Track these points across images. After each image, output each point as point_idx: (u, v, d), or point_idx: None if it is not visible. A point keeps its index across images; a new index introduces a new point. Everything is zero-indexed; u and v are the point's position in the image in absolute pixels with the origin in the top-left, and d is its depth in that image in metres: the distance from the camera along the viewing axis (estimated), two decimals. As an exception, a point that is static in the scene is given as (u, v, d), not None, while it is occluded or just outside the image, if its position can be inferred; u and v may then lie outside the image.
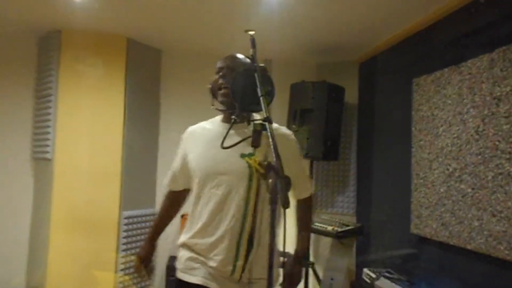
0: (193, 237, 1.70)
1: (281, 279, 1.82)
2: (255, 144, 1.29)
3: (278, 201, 1.12)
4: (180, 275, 1.73)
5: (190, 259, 1.70)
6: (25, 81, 3.56)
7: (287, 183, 1.11)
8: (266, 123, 1.27)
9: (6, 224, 3.46)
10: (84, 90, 3.35)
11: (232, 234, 1.61)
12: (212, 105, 1.77)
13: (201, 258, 1.67)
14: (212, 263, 1.64)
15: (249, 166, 1.61)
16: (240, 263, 1.62)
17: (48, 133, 3.30)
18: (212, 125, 1.79)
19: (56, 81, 3.31)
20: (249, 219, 1.61)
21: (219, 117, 1.80)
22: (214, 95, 1.75)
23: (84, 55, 3.35)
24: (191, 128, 1.85)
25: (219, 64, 1.74)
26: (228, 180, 1.63)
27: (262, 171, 1.55)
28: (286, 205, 1.07)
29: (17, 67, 3.56)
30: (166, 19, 3.07)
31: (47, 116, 3.33)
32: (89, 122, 3.34)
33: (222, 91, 1.68)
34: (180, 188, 1.91)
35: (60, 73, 3.31)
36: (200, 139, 1.75)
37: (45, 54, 3.47)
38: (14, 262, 3.45)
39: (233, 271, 1.62)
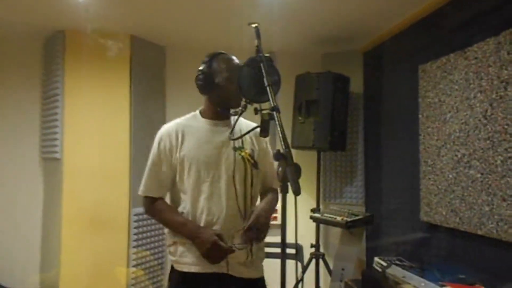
0: None
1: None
2: (264, 134, 1.30)
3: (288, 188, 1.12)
4: (193, 268, 1.73)
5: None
6: (32, 82, 3.59)
7: (297, 171, 1.12)
8: (274, 113, 1.28)
9: (18, 224, 3.50)
10: (90, 89, 3.37)
11: (240, 222, 1.74)
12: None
13: None
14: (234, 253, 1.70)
15: (242, 158, 1.76)
16: (249, 246, 1.74)
17: (56, 133, 3.33)
18: (194, 122, 1.84)
19: (62, 81, 3.32)
20: (248, 204, 1.77)
21: (196, 114, 1.89)
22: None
23: (88, 54, 3.36)
24: (170, 127, 1.84)
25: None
26: (226, 173, 1.74)
27: (253, 161, 1.77)
28: (297, 191, 1.08)
29: (23, 69, 3.59)
30: (169, 15, 3.07)
31: (55, 116, 3.35)
32: (96, 120, 3.36)
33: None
34: (164, 193, 1.87)
35: (65, 73, 3.32)
36: (189, 136, 1.79)
37: (50, 55, 3.49)
38: (28, 262, 3.50)
39: (247, 255, 1.74)
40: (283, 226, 1.26)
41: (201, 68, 1.82)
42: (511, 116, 1.99)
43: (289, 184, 1.10)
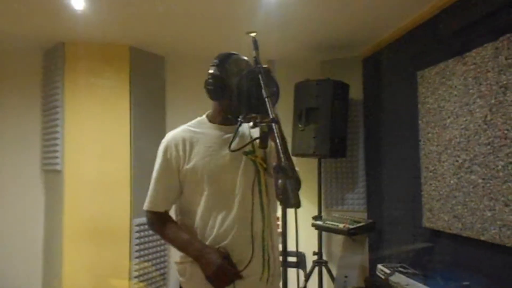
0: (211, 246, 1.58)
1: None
2: (264, 146, 1.29)
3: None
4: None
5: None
6: (32, 94, 3.60)
7: (297, 183, 1.11)
8: (273, 124, 1.27)
9: (20, 236, 3.50)
10: (90, 100, 3.38)
11: (257, 233, 1.58)
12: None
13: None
14: (245, 271, 1.54)
15: (254, 164, 1.60)
16: (266, 261, 1.59)
17: (56, 144, 3.33)
18: (201, 128, 1.67)
19: (62, 93, 3.34)
20: (260, 215, 1.59)
21: (202, 119, 1.72)
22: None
23: (88, 66, 3.38)
24: (177, 135, 1.67)
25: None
26: (240, 181, 1.58)
27: (265, 166, 1.58)
28: (297, 205, 1.07)
29: (24, 81, 3.60)
30: (168, 25, 3.08)
31: (55, 128, 3.36)
32: (96, 131, 3.37)
33: None
34: (169, 206, 1.70)
35: (65, 85, 3.34)
36: (198, 145, 1.62)
37: (50, 67, 3.50)
38: (30, 273, 3.49)
39: (263, 271, 1.57)
40: (284, 235, 1.26)
41: (211, 71, 1.62)
42: (510, 121, 1.99)
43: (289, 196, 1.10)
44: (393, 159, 3.26)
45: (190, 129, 1.68)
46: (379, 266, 2.67)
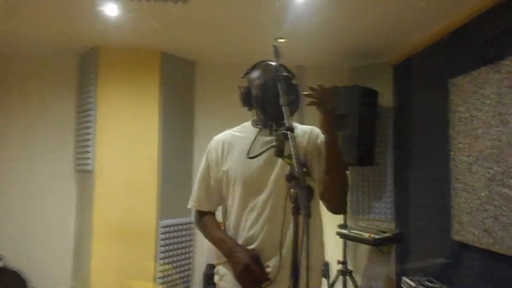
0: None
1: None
2: (279, 154, 1.28)
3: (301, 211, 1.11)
4: None
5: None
6: (67, 97, 3.75)
7: (309, 193, 1.10)
8: (288, 133, 1.26)
9: (52, 234, 3.64)
10: (122, 103, 3.48)
11: (290, 237, 1.49)
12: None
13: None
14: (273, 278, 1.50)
15: (291, 167, 1.57)
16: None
17: (88, 145, 3.45)
18: (244, 132, 1.69)
19: (95, 96, 3.45)
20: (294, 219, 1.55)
21: (247, 123, 1.74)
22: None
23: (120, 70, 3.48)
24: (219, 138, 1.72)
25: None
26: (272, 184, 1.56)
27: (304, 170, 1.46)
28: (308, 215, 1.06)
29: (60, 84, 3.75)
30: (198, 31, 3.13)
31: (88, 129, 3.47)
32: (127, 134, 3.46)
33: None
34: (214, 207, 1.74)
35: (98, 89, 3.45)
36: (235, 148, 1.65)
37: (84, 71, 3.64)
38: (61, 269, 3.62)
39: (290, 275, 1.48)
40: (295, 244, 1.23)
41: (240, 83, 1.67)
42: (546, 133, 1.90)
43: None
44: (423, 169, 3.17)
45: (232, 133, 1.73)
46: (404, 278, 2.61)
